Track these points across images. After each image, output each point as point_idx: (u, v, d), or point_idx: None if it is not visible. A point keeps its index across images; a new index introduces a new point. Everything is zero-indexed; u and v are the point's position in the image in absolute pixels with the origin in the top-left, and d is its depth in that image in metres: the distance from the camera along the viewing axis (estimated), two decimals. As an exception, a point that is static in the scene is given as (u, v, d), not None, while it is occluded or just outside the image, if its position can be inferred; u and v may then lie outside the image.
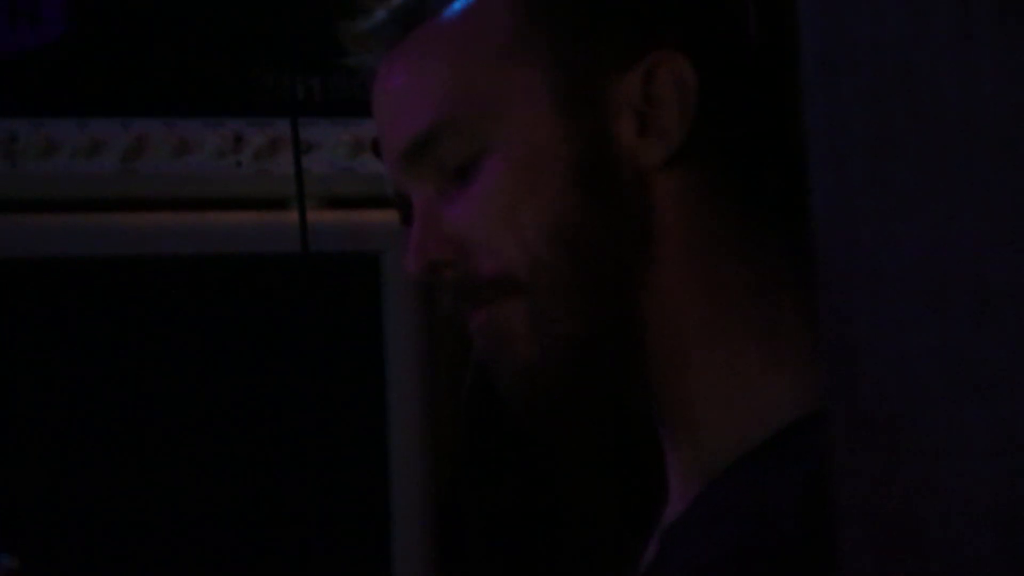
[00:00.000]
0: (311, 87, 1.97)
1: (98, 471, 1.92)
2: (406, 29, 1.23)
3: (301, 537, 1.97)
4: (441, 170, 1.20)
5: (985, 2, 0.69)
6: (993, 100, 0.69)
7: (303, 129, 1.90)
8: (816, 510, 0.90)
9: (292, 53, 1.94)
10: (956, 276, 0.69)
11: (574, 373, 1.19)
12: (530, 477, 2.11)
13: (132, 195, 1.97)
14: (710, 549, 1.13)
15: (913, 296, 0.73)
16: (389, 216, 1.91)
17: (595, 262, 1.18)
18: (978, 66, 0.70)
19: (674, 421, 1.20)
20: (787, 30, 0.97)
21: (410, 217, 1.25)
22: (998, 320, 0.68)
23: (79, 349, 1.95)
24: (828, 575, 0.86)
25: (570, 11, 1.19)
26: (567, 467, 2.11)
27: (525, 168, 1.18)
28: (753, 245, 1.18)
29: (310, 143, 1.94)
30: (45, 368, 1.95)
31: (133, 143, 1.94)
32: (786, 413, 1.13)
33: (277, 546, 1.97)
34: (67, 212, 1.96)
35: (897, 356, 0.76)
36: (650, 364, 1.19)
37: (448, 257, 1.20)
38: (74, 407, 1.94)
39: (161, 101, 1.97)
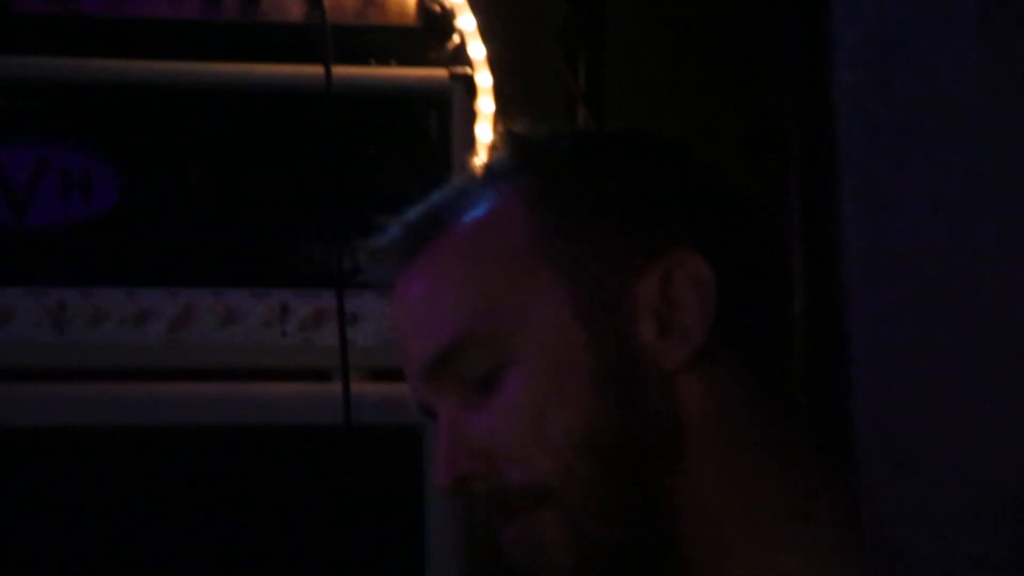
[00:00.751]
0: (356, 259, 1.96)
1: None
2: (421, 243, 1.24)
3: None
4: (464, 382, 1.20)
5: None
6: None
7: (348, 301, 1.91)
8: None
9: (337, 226, 1.95)
10: (996, 486, 0.69)
11: (612, 572, 1.18)
12: None
13: (178, 364, 1.97)
14: None
15: (955, 504, 0.73)
16: None
17: (626, 466, 1.17)
18: (1019, 274, 0.70)
19: None
20: (828, 234, 0.98)
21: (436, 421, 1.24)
22: None
23: (123, 518, 1.93)
24: None
25: (586, 218, 1.20)
26: None
27: (549, 378, 1.17)
28: (780, 435, 1.17)
29: (355, 314, 1.93)
30: (92, 536, 1.95)
31: (180, 313, 1.95)
32: None
33: None
34: (114, 381, 1.96)
35: (944, 557, 0.76)
36: (687, 560, 1.17)
37: (478, 469, 1.19)
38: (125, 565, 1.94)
39: (208, 272, 1.98)
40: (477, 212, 1.23)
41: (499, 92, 2.07)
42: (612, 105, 2.46)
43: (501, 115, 2.09)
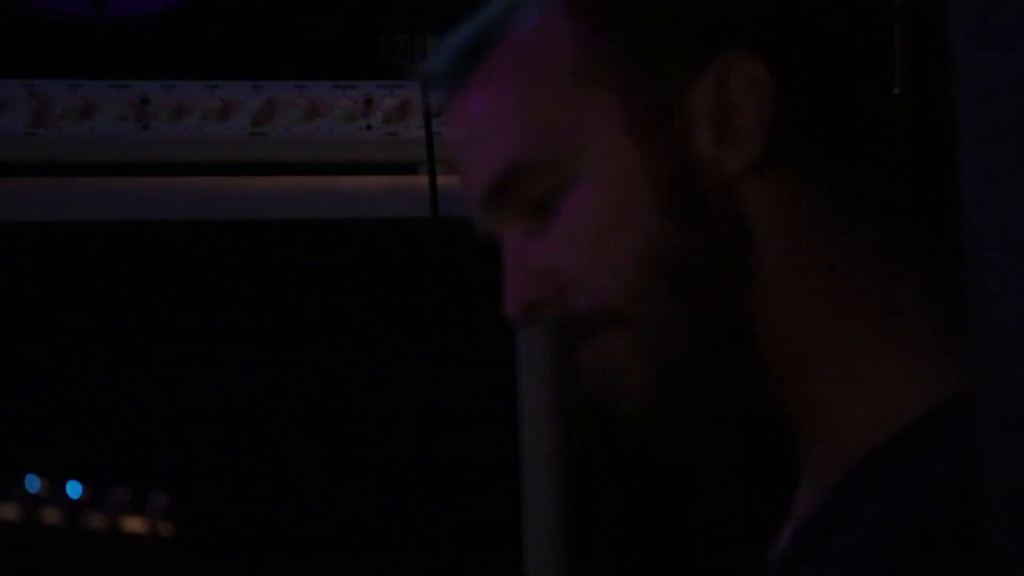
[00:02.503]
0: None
1: (225, 433, 1.96)
2: (472, 64, 1.24)
3: (432, 527, 2.00)
4: (524, 207, 1.21)
5: None
6: None
7: (433, 92, 1.91)
8: (956, 500, 0.89)
9: (423, 15, 1.95)
10: None
11: (692, 392, 1.20)
12: (658, 475, 2.13)
13: (262, 159, 2.00)
14: (848, 539, 1.13)
15: None
16: None
17: (693, 282, 1.18)
18: None
19: (803, 419, 1.21)
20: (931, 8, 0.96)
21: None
22: None
23: (210, 312, 1.97)
24: (975, 565, 0.86)
25: (633, 26, 1.20)
26: (696, 466, 2.13)
27: (609, 198, 1.18)
28: (857, 238, 1.18)
29: (440, 106, 1.94)
30: (188, 322, 2.01)
31: (263, 107, 1.96)
32: (915, 405, 1.13)
33: (408, 538, 2.00)
34: (197, 175, 1.99)
35: None
36: (771, 368, 1.19)
37: (546, 295, 1.21)
38: (212, 362, 1.99)
39: (291, 64, 1.98)
40: (525, 31, 1.22)
41: None
42: None
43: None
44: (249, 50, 2.00)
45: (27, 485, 1.11)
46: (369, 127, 1.98)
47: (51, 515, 1.12)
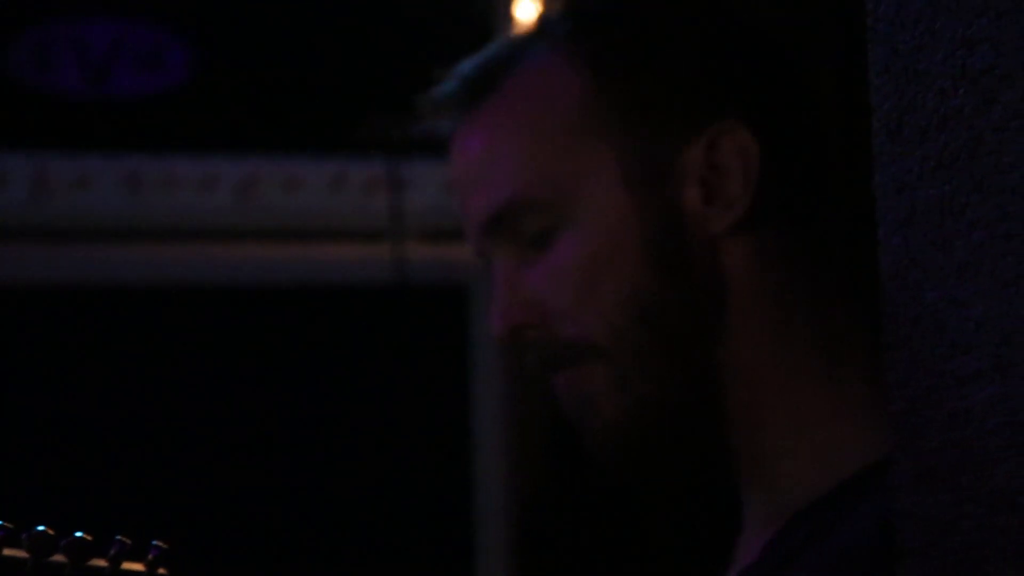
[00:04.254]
0: (410, 127, 1.97)
1: (200, 474, 1.94)
2: (478, 99, 1.23)
3: (392, 548, 1.98)
4: (520, 239, 1.19)
5: None
6: None
7: (401, 167, 1.93)
8: (884, 553, 0.89)
9: (393, 96, 1.95)
10: (1016, 337, 0.68)
11: (656, 432, 1.19)
12: (606, 509, 2.10)
13: (244, 227, 1.99)
14: None
15: (974, 355, 0.72)
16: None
17: (671, 328, 1.18)
18: None
19: (749, 471, 1.19)
20: (857, 102, 0.96)
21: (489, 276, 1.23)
22: None
23: (189, 371, 1.96)
24: None
25: (636, 85, 1.19)
26: (644, 513, 2.10)
27: (600, 243, 1.17)
28: (819, 303, 1.17)
29: (407, 180, 1.95)
30: (159, 388, 1.99)
31: (245, 179, 1.96)
32: (852, 462, 1.12)
33: (372, 553, 1.98)
34: (184, 241, 1.98)
35: (958, 411, 0.77)
36: (726, 419, 1.18)
37: (531, 321, 1.19)
38: (187, 423, 1.97)
39: (272, 140, 1.98)
40: (533, 75, 1.22)
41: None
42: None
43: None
44: (235, 126, 1.99)
45: (38, 532, 1.11)
46: (342, 199, 1.97)
47: (59, 558, 1.11)
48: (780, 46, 1.27)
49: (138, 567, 1.10)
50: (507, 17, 1.97)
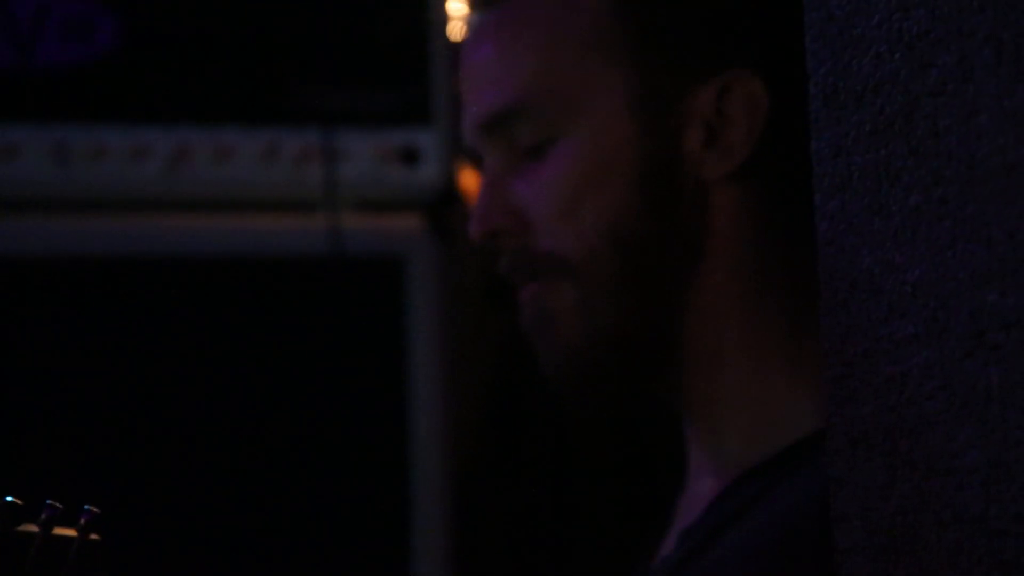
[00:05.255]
0: (344, 98, 1.97)
1: (130, 457, 1.93)
2: (493, 2, 1.24)
3: (324, 531, 1.98)
4: (514, 145, 1.20)
5: (983, 48, 0.69)
6: (990, 138, 0.68)
7: (335, 137, 1.93)
8: (823, 519, 0.90)
9: (328, 66, 1.94)
10: (952, 301, 0.69)
11: (611, 362, 1.19)
12: (545, 474, 2.10)
13: (175, 199, 1.98)
14: (727, 554, 1.13)
15: (910, 319, 0.73)
16: (413, 222, 1.96)
17: (645, 263, 1.18)
18: (975, 107, 0.69)
19: (700, 420, 1.20)
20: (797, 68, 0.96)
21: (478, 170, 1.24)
22: (991, 344, 0.68)
23: (120, 344, 1.95)
24: None
25: (657, 15, 1.18)
26: (583, 462, 2.10)
27: (593, 164, 1.18)
28: (794, 264, 1.17)
29: (342, 151, 1.94)
30: (91, 362, 1.97)
31: (176, 150, 1.95)
32: (804, 426, 1.13)
33: (300, 539, 1.98)
34: (114, 213, 1.97)
35: (894, 375, 0.78)
36: (685, 363, 1.19)
37: (510, 227, 1.20)
38: (116, 397, 1.95)
39: (203, 110, 1.98)
40: None
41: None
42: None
43: None
44: (165, 97, 1.98)
45: None
46: (275, 169, 1.97)
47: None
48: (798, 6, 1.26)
49: (69, 532, 1.10)
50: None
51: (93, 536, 1.14)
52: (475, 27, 1.25)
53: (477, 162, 1.28)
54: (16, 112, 1.95)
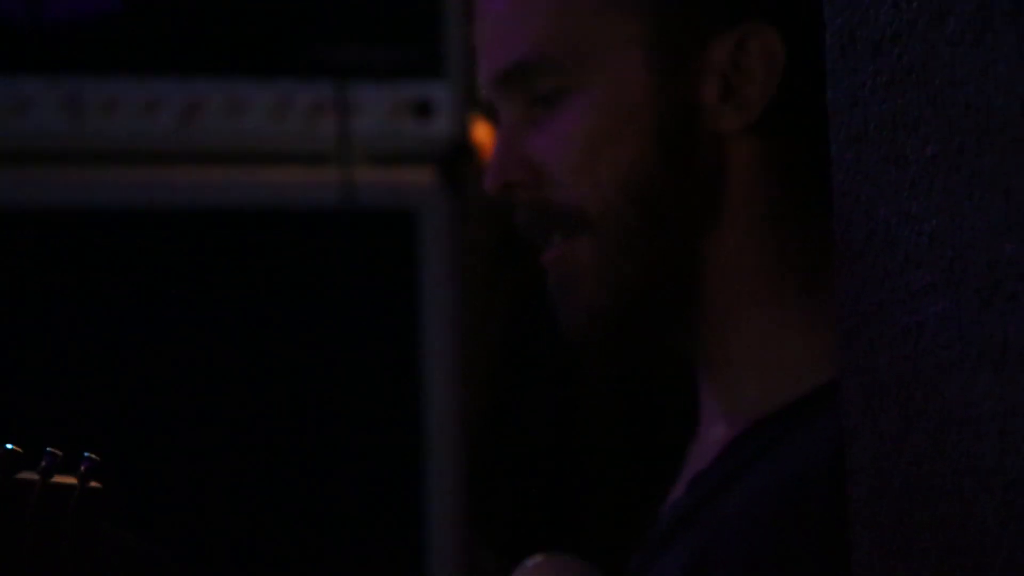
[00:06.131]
0: (357, 51, 1.97)
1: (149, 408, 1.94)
2: None
3: (336, 472, 1.98)
4: (530, 98, 1.19)
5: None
6: (1008, 88, 0.68)
7: (348, 91, 1.92)
8: (835, 470, 0.90)
9: (340, 19, 1.93)
10: (968, 252, 0.69)
11: (631, 314, 1.19)
12: (556, 422, 2.11)
13: (188, 151, 1.97)
14: (744, 498, 1.14)
15: (926, 269, 0.73)
16: (426, 176, 1.95)
17: (662, 216, 1.18)
18: (994, 57, 0.69)
19: (714, 370, 1.21)
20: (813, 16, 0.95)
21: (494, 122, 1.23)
22: (1007, 294, 0.68)
23: (132, 296, 1.96)
24: (841, 528, 0.87)
25: None
26: (594, 410, 2.11)
27: (610, 116, 1.17)
28: (809, 220, 1.17)
29: (355, 104, 1.94)
30: (102, 312, 1.97)
31: (189, 103, 1.95)
32: (817, 377, 1.13)
33: (312, 481, 1.98)
34: (127, 165, 1.97)
35: (910, 325, 0.78)
36: (703, 314, 1.19)
37: (525, 180, 1.19)
38: (124, 347, 1.95)
39: (217, 63, 1.98)
40: None
41: None
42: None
43: None
44: (177, 49, 1.98)
45: None
46: (289, 123, 1.97)
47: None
48: None
49: (70, 480, 1.10)
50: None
51: (93, 484, 1.14)
52: None
53: (492, 115, 1.28)
54: (28, 65, 1.94)
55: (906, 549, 0.80)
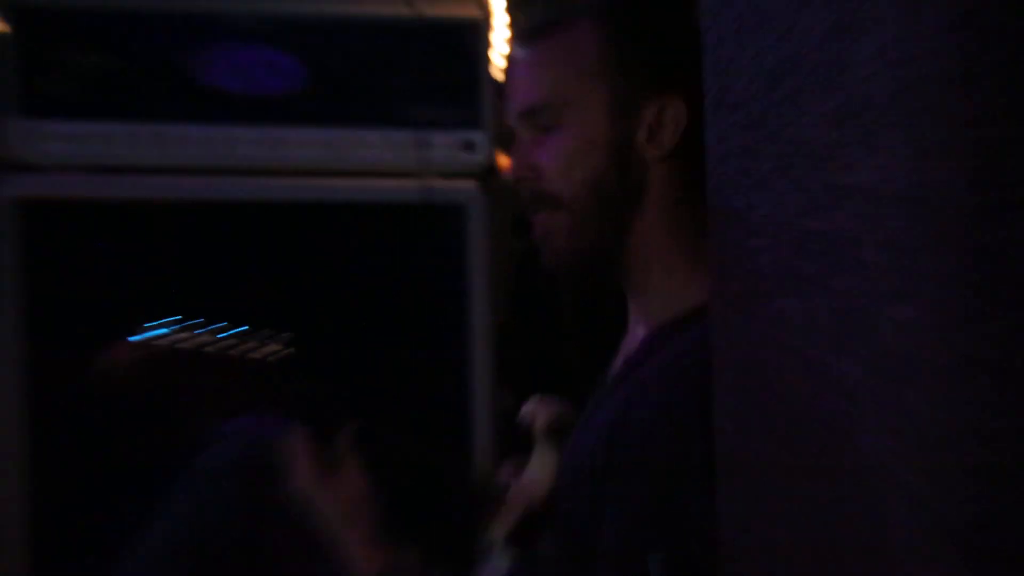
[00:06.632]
0: (434, 112, 1.90)
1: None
2: (535, 38, 1.18)
3: (413, 353, 1.88)
4: (537, 126, 1.16)
5: (808, 77, 0.66)
6: (810, 128, 0.66)
7: (428, 135, 1.85)
8: (703, 353, 0.90)
9: (425, 93, 1.88)
10: (784, 225, 0.68)
11: (588, 263, 1.17)
12: (548, 325, 2.08)
13: (333, 168, 1.87)
14: (652, 368, 1.11)
15: (762, 235, 0.73)
16: (471, 184, 1.89)
17: (609, 203, 1.14)
18: (803, 110, 0.65)
19: (636, 296, 1.18)
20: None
21: (512, 143, 1.21)
22: (812, 253, 0.65)
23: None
24: (709, 388, 0.84)
25: (630, 58, 1.14)
26: (570, 317, 2.07)
27: (584, 140, 1.14)
28: (693, 210, 1.15)
29: (432, 143, 1.88)
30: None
31: (335, 139, 1.88)
32: (695, 300, 1.12)
33: (399, 370, 1.88)
34: (292, 176, 1.86)
35: (760, 269, 0.75)
36: (630, 264, 1.16)
37: (529, 176, 1.16)
38: (293, 282, 1.83)
39: (354, 117, 1.88)
40: (571, 30, 1.17)
41: None
42: None
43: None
44: (333, 108, 1.90)
45: (186, 324, 1.07)
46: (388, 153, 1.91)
47: (207, 344, 1.07)
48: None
49: (267, 350, 1.07)
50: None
51: (285, 353, 1.11)
52: (517, 55, 1.19)
53: (507, 148, 1.24)
54: (240, 117, 1.88)
55: (753, 415, 0.75)
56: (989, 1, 0.47)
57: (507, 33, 1.33)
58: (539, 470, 1.31)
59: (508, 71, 1.22)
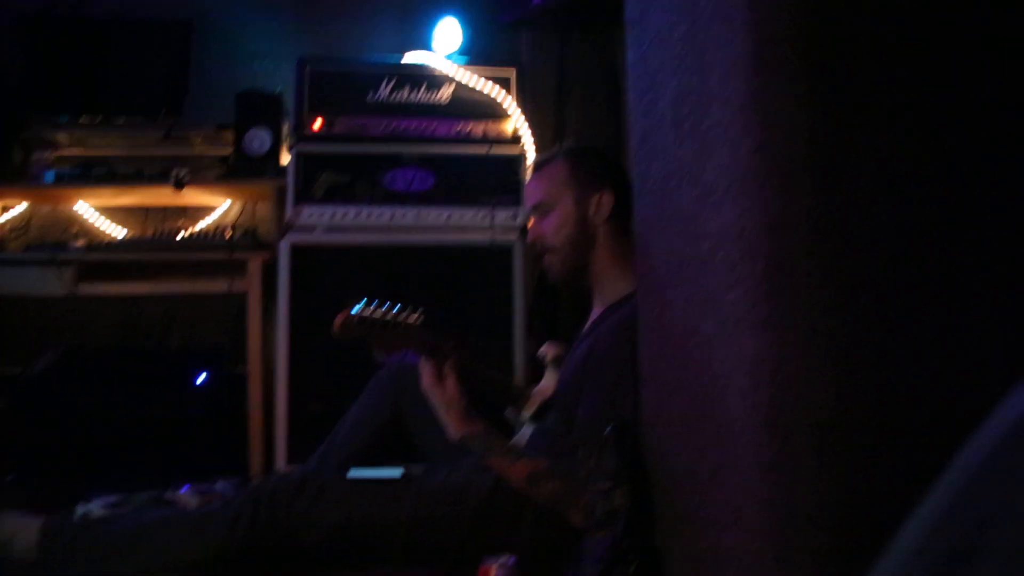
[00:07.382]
0: (497, 198, 1.92)
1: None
2: (541, 167, 1.24)
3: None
4: (539, 213, 1.23)
5: (691, 161, 0.67)
6: (683, 197, 0.69)
7: (494, 210, 1.91)
8: (632, 324, 0.95)
9: (492, 190, 1.92)
10: (684, 252, 0.67)
11: (570, 277, 1.23)
12: (547, 308, 1.95)
13: (427, 228, 1.87)
14: (604, 332, 1.16)
15: (669, 255, 0.74)
16: (515, 235, 1.90)
17: (578, 249, 1.21)
18: (679, 193, 0.71)
19: (596, 289, 1.25)
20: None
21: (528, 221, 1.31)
22: (722, 259, 0.64)
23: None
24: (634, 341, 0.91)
25: (582, 177, 1.22)
26: (562, 306, 1.96)
27: (562, 222, 1.20)
28: (627, 240, 1.17)
29: (497, 215, 1.91)
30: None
31: (432, 215, 1.87)
32: (629, 289, 1.17)
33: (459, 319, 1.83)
34: (407, 232, 1.86)
35: (659, 272, 0.79)
36: (592, 274, 1.23)
37: (537, 241, 1.23)
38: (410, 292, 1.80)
39: (445, 199, 1.89)
40: (557, 164, 1.22)
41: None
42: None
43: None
44: (441, 199, 1.92)
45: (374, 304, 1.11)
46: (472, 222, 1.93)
47: (385, 314, 1.13)
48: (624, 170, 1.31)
49: (412, 318, 1.10)
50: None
51: (421, 318, 1.16)
52: (531, 176, 1.25)
53: (530, 219, 1.30)
54: (406, 202, 1.89)
55: (659, 349, 0.73)
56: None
57: (530, 163, 1.44)
58: (549, 379, 1.34)
59: (528, 184, 1.26)
